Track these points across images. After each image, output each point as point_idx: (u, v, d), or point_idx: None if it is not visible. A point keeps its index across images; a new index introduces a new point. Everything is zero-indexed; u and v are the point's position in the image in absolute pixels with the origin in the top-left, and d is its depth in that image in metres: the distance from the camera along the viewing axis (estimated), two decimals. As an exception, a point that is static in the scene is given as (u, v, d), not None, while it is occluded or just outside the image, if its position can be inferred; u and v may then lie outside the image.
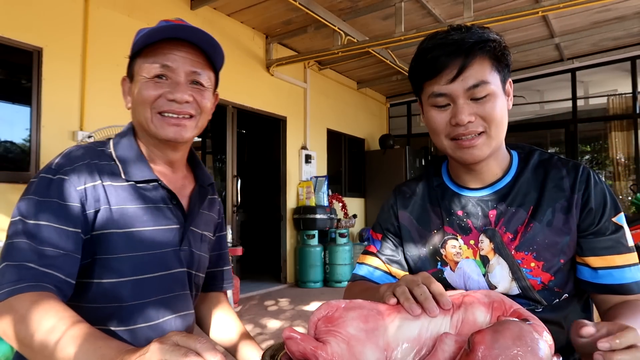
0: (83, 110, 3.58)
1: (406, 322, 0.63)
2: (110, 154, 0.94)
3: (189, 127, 0.95)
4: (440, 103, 0.90)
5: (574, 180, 0.92)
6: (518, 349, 0.52)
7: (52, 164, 0.88)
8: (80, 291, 0.86)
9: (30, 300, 0.72)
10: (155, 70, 0.91)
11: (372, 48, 5.21)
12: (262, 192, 7.07)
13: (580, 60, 6.75)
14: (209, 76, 0.97)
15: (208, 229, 1.09)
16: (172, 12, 4.44)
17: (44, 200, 0.83)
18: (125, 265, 0.88)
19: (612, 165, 7.06)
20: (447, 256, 0.97)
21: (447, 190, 1.02)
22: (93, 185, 0.88)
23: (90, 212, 0.86)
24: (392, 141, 7.57)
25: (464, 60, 0.86)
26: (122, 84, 0.99)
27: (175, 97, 0.91)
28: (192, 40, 0.93)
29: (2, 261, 0.77)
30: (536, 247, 0.90)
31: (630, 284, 0.87)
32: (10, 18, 3.19)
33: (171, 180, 1.00)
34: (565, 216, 0.90)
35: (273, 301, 4.97)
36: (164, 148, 0.97)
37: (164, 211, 0.95)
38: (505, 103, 0.92)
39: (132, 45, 0.95)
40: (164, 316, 0.93)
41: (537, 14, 4.22)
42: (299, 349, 0.60)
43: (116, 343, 0.64)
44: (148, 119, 0.92)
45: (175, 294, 0.96)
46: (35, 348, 0.68)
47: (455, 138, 0.90)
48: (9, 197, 3.15)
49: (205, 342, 0.53)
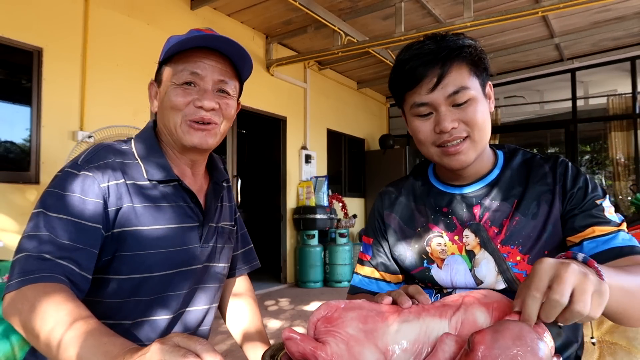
0: (83, 110, 3.58)
1: (406, 323, 0.63)
2: (133, 154, 0.97)
3: (212, 133, 0.98)
4: (422, 112, 0.92)
5: (554, 172, 0.94)
6: (518, 349, 0.52)
7: (78, 160, 0.91)
8: (100, 286, 0.88)
9: (41, 291, 0.73)
10: (185, 77, 0.94)
11: (372, 48, 5.21)
12: (262, 192, 7.07)
13: (580, 61, 6.75)
14: (235, 85, 1.01)
15: (227, 219, 1.11)
16: (172, 12, 4.44)
17: (66, 194, 0.85)
18: (145, 262, 0.90)
19: (612, 166, 7.06)
20: (433, 254, 0.98)
21: (432, 188, 1.04)
22: (116, 183, 0.90)
23: (112, 209, 0.89)
24: (392, 141, 7.58)
25: (441, 68, 0.88)
26: (150, 88, 1.03)
27: (203, 104, 0.94)
28: (222, 50, 0.97)
29: (20, 252, 0.79)
30: (521, 241, 0.91)
31: (619, 247, 0.83)
32: (10, 18, 3.19)
33: (191, 181, 1.02)
34: (549, 208, 0.91)
35: (273, 301, 4.97)
36: (188, 153, 1.00)
37: (184, 210, 0.97)
38: (486, 106, 0.93)
39: (163, 51, 0.98)
40: (180, 310, 0.96)
41: (537, 14, 4.22)
42: (299, 350, 0.60)
43: (121, 340, 0.64)
44: (177, 124, 0.95)
45: (194, 287, 0.99)
46: (42, 340, 0.69)
47: (441, 145, 0.92)
48: (9, 197, 3.15)
49: (206, 343, 0.54)
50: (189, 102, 0.94)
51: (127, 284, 0.89)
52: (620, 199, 6.97)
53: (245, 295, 1.18)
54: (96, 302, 0.81)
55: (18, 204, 3.18)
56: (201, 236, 0.99)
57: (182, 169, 1.02)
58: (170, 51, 0.94)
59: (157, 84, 1.01)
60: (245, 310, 1.15)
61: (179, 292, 0.95)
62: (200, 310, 1.01)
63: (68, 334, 0.66)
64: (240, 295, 1.18)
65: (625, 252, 0.83)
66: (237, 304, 1.16)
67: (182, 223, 0.96)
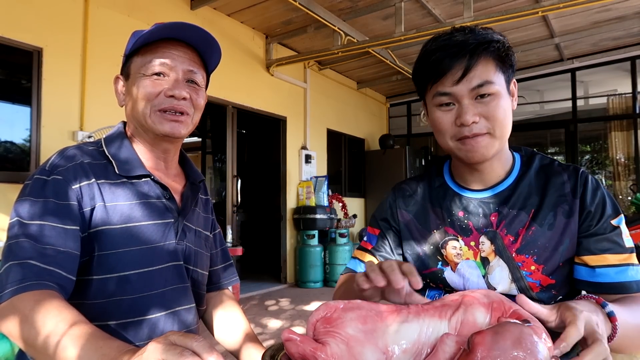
0: (83, 110, 3.58)
1: (406, 324, 0.63)
2: (103, 152, 0.97)
3: (184, 123, 0.98)
4: (444, 101, 0.91)
5: (574, 184, 0.92)
6: (517, 352, 0.52)
7: (46, 166, 0.90)
8: (81, 288, 0.87)
9: (33, 300, 0.72)
10: (155, 68, 0.95)
11: (372, 48, 5.20)
12: (262, 192, 7.07)
13: (580, 60, 6.75)
14: (202, 75, 1.02)
15: (204, 227, 1.11)
16: (172, 12, 4.43)
17: (40, 200, 0.84)
18: (123, 260, 0.89)
19: (612, 165, 7.06)
20: (448, 256, 0.98)
21: (448, 190, 1.03)
22: (88, 183, 0.90)
23: (86, 209, 0.88)
24: (392, 141, 7.57)
25: (468, 61, 0.86)
26: (115, 82, 1.02)
27: (174, 93, 0.94)
28: (189, 41, 0.98)
29: (5, 262, 0.78)
30: (537, 251, 0.90)
31: (628, 282, 0.86)
32: (10, 18, 3.19)
33: (163, 177, 1.02)
34: (566, 220, 0.90)
35: (273, 301, 4.97)
36: (159, 143, 1.00)
37: (158, 206, 0.97)
38: (509, 103, 0.92)
39: (128, 44, 0.97)
40: (164, 309, 0.94)
41: (537, 14, 4.22)
42: (299, 351, 0.60)
43: (117, 343, 0.64)
44: (147, 114, 0.95)
45: (175, 287, 0.97)
46: (39, 348, 0.68)
47: (461, 138, 0.91)
48: (9, 197, 3.15)
49: (202, 340, 0.53)
50: (159, 92, 0.94)
51: (106, 284, 0.88)
52: (620, 199, 6.96)
53: (230, 306, 1.16)
54: (78, 305, 0.79)
55: (18, 204, 3.17)
56: (177, 233, 0.98)
57: (155, 164, 1.02)
58: (137, 43, 0.94)
59: (123, 78, 1.01)
60: (233, 319, 1.12)
61: (161, 290, 0.94)
62: (185, 310, 0.99)
63: (64, 340, 0.66)
64: (225, 306, 1.15)
65: (632, 288, 0.86)
66: (224, 314, 1.14)
67: (157, 219, 0.95)
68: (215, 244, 1.19)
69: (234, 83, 5.13)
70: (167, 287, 0.95)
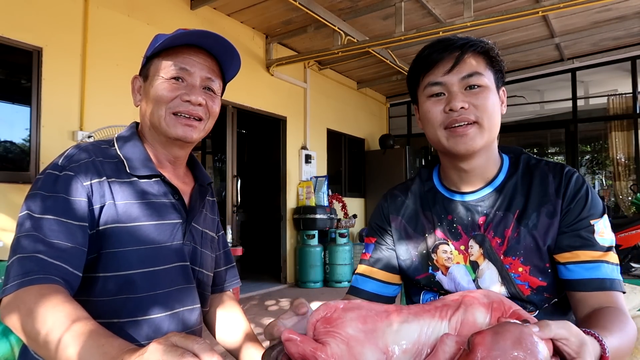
0: (83, 110, 3.58)
1: (406, 324, 0.63)
2: (115, 152, 0.98)
3: (197, 128, 1.00)
4: (435, 92, 0.93)
5: (558, 184, 0.92)
6: (517, 352, 0.52)
7: (58, 162, 0.91)
8: (87, 285, 0.88)
9: (38, 294, 0.73)
10: (174, 72, 0.96)
11: (372, 48, 5.21)
12: (262, 192, 7.08)
13: (581, 60, 6.75)
14: (219, 84, 1.04)
15: (211, 228, 1.11)
16: (172, 12, 4.44)
17: (50, 195, 0.85)
18: (130, 259, 0.90)
19: (612, 166, 7.06)
20: (439, 261, 0.98)
21: (437, 194, 1.03)
22: (99, 181, 0.90)
23: (96, 207, 0.89)
24: (392, 141, 7.58)
25: (459, 54, 0.91)
26: (133, 82, 1.04)
27: (191, 98, 0.96)
28: (209, 49, 1.00)
29: (13, 254, 0.79)
30: (523, 252, 0.90)
31: (600, 279, 0.84)
32: (10, 18, 3.19)
33: (173, 178, 1.03)
34: (550, 220, 0.90)
35: (273, 301, 4.97)
36: (171, 147, 1.01)
37: (166, 206, 0.97)
38: (498, 103, 0.94)
39: (151, 46, 0.99)
40: (169, 309, 0.95)
41: (537, 14, 4.22)
42: (299, 351, 0.60)
43: (119, 342, 0.64)
44: (162, 117, 0.97)
45: (180, 287, 0.97)
46: (41, 342, 0.69)
47: (449, 126, 0.92)
48: (9, 197, 3.15)
49: (203, 342, 0.54)
50: (176, 96, 0.96)
51: (113, 281, 0.89)
52: (621, 199, 6.97)
53: (230, 306, 1.17)
54: (85, 302, 0.80)
55: (18, 204, 3.17)
56: (184, 233, 0.99)
57: (165, 164, 1.03)
58: (159, 46, 0.95)
59: (142, 79, 1.02)
60: (233, 319, 1.13)
61: (166, 290, 0.94)
62: (189, 310, 0.99)
63: (66, 336, 0.66)
64: (225, 307, 1.16)
65: (606, 286, 0.84)
66: (224, 314, 1.14)
67: (165, 219, 0.96)
68: (219, 245, 1.19)
69: (234, 83, 5.05)
70: (172, 287, 0.95)
